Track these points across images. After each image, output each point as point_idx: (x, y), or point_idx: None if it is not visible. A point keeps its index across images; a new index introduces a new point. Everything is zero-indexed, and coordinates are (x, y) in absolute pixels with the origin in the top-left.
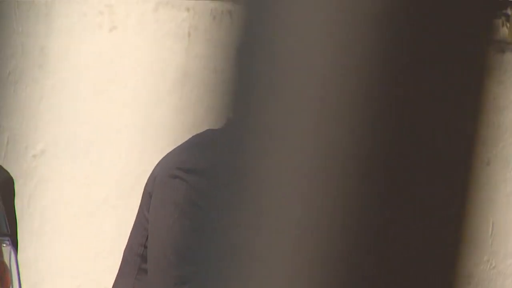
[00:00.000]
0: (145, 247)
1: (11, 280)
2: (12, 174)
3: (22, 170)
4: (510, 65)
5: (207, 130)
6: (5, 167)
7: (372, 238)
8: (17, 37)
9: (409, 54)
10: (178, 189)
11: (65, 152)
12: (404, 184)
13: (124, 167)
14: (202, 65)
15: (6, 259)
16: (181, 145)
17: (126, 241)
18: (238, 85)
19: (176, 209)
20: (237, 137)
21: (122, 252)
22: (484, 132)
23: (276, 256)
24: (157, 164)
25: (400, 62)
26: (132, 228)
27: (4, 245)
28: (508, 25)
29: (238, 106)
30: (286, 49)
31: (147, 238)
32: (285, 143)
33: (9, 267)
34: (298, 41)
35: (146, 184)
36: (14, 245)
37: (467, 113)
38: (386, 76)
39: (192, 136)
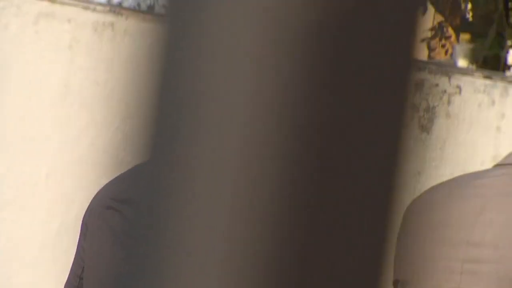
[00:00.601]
0: (81, 278)
1: None
2: None
3: None
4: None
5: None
6: None
7: (301, 249)
8: None
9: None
10: (111, 220)
11: None
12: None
13: (5, 179)
14: (84, 77)
15: None
16: (118, 176)
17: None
18: (159, 111)
19: (110, 239)
20: (162, 166)
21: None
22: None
23: (208, 281)
24: (94, 195)
25: (328, 71)
26: (73, 260)
27: None
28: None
29: (159, 135)
30: (210, 65)
31: (83, 270)
32: (210, 165)
33: None
34: (218, 52)
35: (84, 215)
36: None
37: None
38: (314, 84)
39: (132, 167)
